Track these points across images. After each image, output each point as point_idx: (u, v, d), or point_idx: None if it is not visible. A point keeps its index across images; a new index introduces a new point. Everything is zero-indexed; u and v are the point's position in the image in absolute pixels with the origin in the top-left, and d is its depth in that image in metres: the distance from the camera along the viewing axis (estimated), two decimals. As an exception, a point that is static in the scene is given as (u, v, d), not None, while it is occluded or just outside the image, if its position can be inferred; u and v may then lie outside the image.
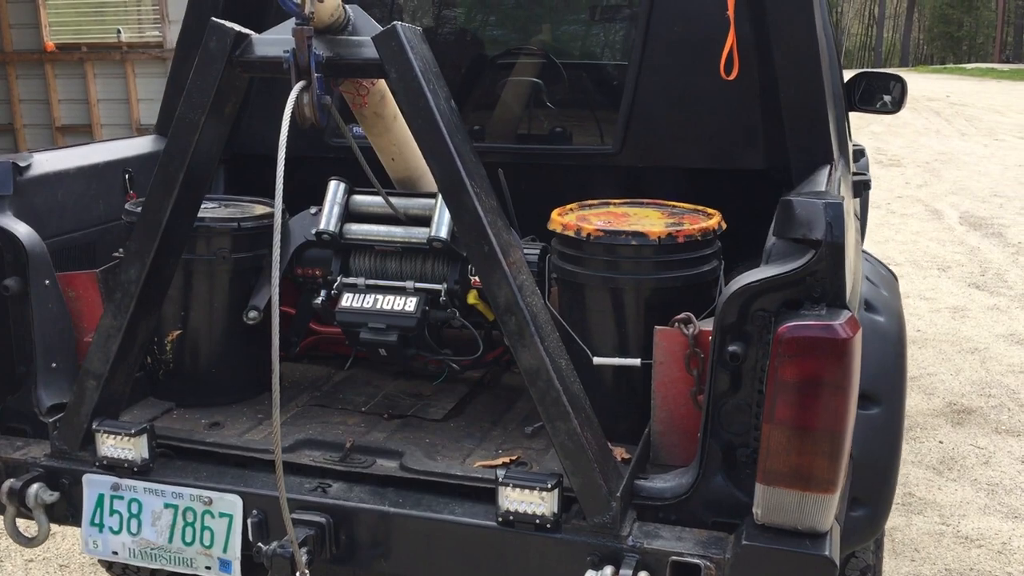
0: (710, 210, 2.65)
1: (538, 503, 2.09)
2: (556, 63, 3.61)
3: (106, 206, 3.02)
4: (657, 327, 2.30)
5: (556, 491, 2.09)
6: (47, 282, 2.57)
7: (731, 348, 2.06)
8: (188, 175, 2.26)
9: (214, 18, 2.21)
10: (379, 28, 2.29)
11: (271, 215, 2.82)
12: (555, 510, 2.09)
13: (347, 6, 2.26)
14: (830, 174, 2.69)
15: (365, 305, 2.66)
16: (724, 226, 2.54)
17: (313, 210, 2.84)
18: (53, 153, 2.94)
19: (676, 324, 2.29)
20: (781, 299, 2.03)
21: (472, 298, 2.72)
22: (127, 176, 3.07)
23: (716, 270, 2.52)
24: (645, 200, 2.78)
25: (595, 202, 2.75)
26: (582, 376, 2.19)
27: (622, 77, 3.18)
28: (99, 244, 2.97)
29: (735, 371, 2.08)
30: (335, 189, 2.76)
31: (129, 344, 2.37)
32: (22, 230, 2.55)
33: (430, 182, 2.87)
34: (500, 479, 2.11)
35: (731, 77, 2.86)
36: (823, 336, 1.93)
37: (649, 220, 2.61)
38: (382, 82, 2.52)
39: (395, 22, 2.10)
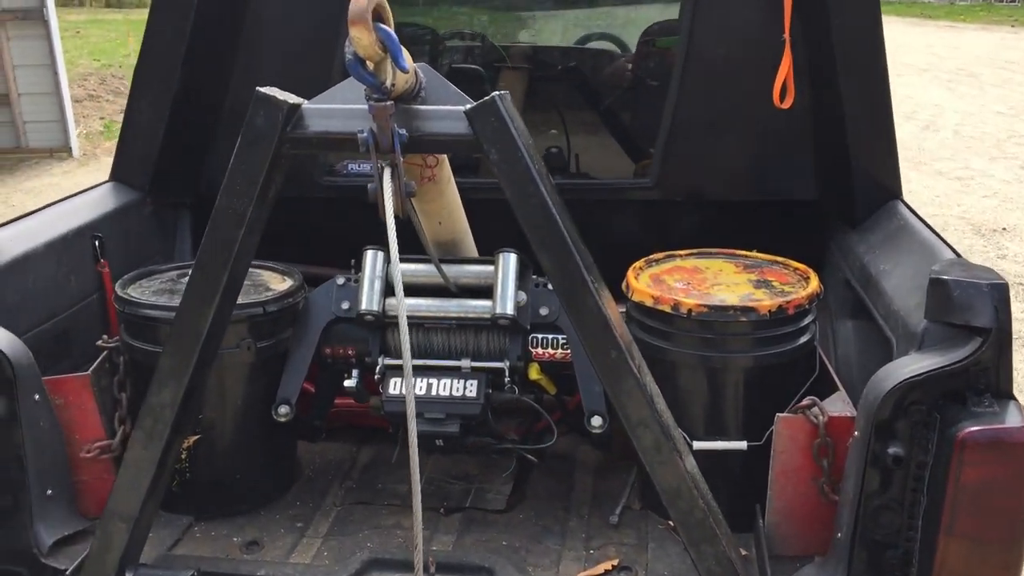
0: (792, 262, 2.42)
1: None
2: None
3: (78, 282, 2.53)
4: (779, 415, 2.07)
5: None
6: (36, 397, 2.12)
7: (892, 450, 1.84)
8: (231, 274, 1.87)
9: (260, 88, 1.80)
10: (450, 87, 1.95)
11: (293, 292, 2.42)
12: None
13: (417, 66, 1.89)
14: (911, 213, 2.51)
15: (418, 391, 2.30)
16: (823, 289, 2.32)
17: (340, 280, 2.44)
18: (14, 227, 2.42)
19: (800, 411, 2.07)
20: (941, 391, 1.83)
21: (535, 373, 2.41)
22: (96, 243, 2.59)
23: (815, 338, 2.30)
24: (712, 250, 2.52)
25: (659, 256, 2.48)
26: None
27: (656, 100, 2.87)
28: (72, 330, 2.50)
29: (886, 469, 1.88)
30: (373, 260, 2.37)
31: (161, 475, 1.97)
32: (2, 337, 2.08)
33: (470, 246, 2.53)
34: None
35: (786, 105, 2.61)
36: (1011, 440, 1.75)
37: (728, 277, 2.36)
38: None
39: (494, 94, 1.75)
